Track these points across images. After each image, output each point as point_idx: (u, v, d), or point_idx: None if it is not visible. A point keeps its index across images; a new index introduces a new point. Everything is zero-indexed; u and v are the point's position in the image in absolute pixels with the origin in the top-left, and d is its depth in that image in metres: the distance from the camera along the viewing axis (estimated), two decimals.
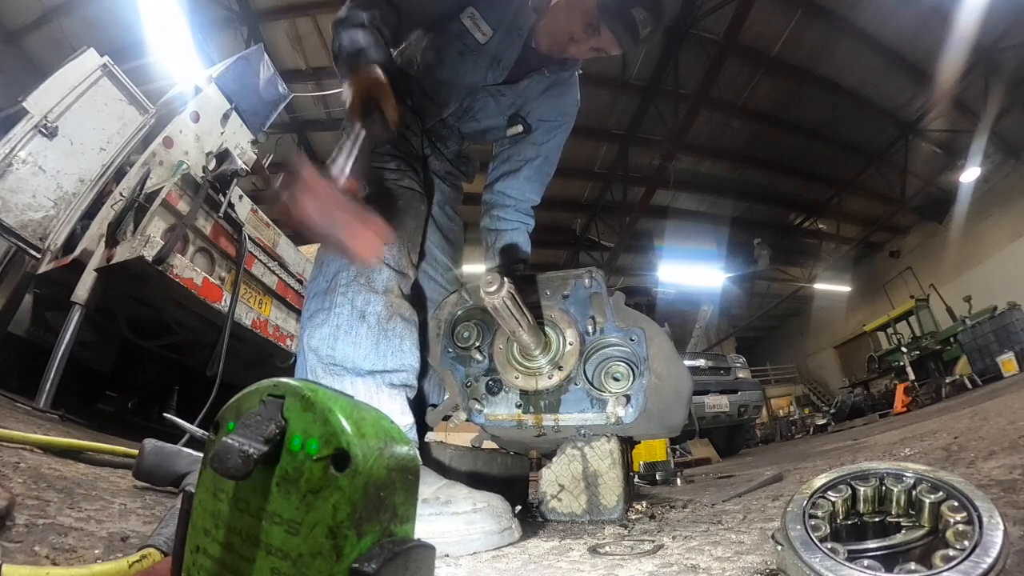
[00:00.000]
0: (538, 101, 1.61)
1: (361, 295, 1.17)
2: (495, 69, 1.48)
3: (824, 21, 7.24)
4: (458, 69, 1.46)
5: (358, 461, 0.33)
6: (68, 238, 2.82)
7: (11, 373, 2.65)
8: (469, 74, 1.47)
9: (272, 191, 0.88)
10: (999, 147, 9.94)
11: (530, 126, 1.62)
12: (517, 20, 1.43)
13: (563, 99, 1.65)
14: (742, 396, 6.04)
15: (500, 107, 1.57)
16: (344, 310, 1.16)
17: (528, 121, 1.60)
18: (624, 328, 1.50)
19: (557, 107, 1.65)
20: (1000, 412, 2.10)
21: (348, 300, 1.17)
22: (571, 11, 1.38)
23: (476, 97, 1.53)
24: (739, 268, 12.47)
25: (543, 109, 1.62)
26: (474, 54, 1.44)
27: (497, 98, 1.55)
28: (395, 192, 1.31)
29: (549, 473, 1.43)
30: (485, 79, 1.49)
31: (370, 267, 1.18)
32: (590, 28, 1.36)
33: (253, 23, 6.77)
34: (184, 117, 3.15)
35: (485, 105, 1.55)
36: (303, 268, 3.44)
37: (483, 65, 1.46)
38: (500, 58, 1.46)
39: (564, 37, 1.41)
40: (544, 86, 1.59)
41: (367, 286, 1.18)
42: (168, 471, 1.21)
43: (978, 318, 8.64)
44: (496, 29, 1.41)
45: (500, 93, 1.54)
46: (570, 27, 1.39)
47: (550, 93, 1.61)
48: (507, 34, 1.43)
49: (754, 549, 0.81)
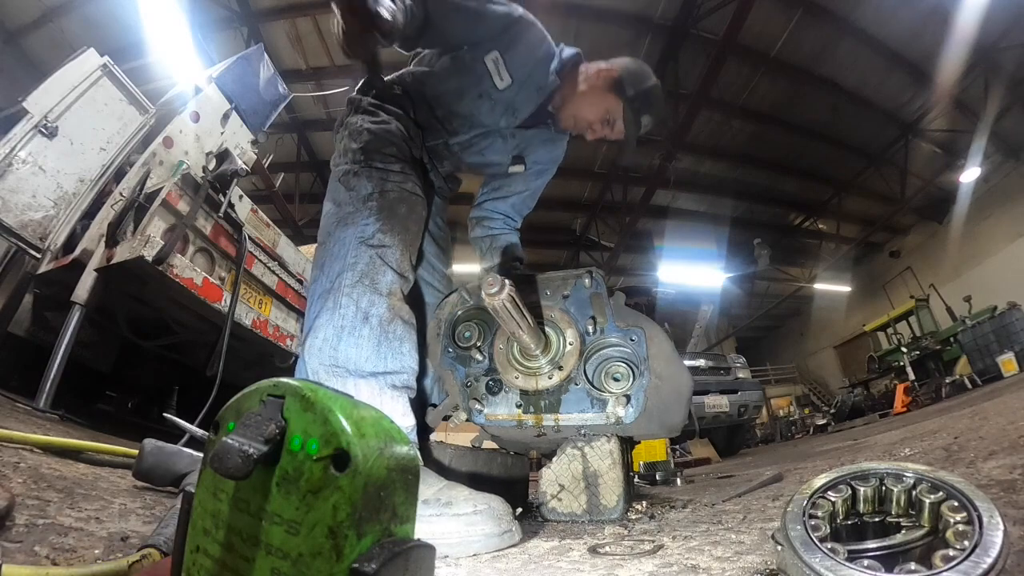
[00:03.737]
0: (537, 146, 1.76)
1: (366, 296, 1.18)
2: (509, 116, 1.60)
3: (824, 21, 7.24)
4: (475, 109, 1.57)
5: (358, 461, 0.33)
6: (68, 238, 2.82)
7: (11, 373, 2.65)
8: (485, 116, 1.59)
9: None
10: (999, 147, 9.94)
11: (527, 167, 1.77)
12: (535, 76, 1.55)
13: (556, 150, 1.84)
14: (742, 396, 6.03)
15: (506, 147, 1.69)
16: (348, 311, 1.17)
17: (527, 162, 1.76)
18: (624, 328, 1.50)
19: (550, 154, 1.83)
20: (1000, 412, 2.10)
21: (353, 301, 1.17)
22: (597, 106, 1.58)
23: (487, 135, 1.64)
24: (739, 268, 12.47)
25: (540, 153, 1.79)
26: (492, 100, 1.55)
27: (507, 139, 1.67)
28: (399, 195, 1.33)
29: (549, 473, 1.43)
30: (499, 123, 1.61)
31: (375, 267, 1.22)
32: (607, 123, 1.59)
33: (253, 23, 6.77)
34: (184, 117, 3.15)
35: (493, 144, 1.67)
36: (303, 268, 3.44)
37: (499, 111, 1.58)
38: (516, 108, 1.59)
39: (584, 124, 1.61)
40: (545, 136, 1.75)
41: (371, 288, 1.19)
42: (168, 471, 1.21)
43: (978, 318, 8.63)
44: (515, 79, 1.52)
45: (511, 135, 1.66)
46: (593, 118, 1.59)
47: (547, 142, 1.78)
48: (523, 86, 1.55)
49: (754, 549, 0.81)
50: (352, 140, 1.40)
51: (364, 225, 1.25)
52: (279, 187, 8.70)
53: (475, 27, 1.48)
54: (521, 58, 1.51)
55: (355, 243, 1.23)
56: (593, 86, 1.58)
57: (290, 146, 8.84)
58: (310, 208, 9.72)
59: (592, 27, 7.20)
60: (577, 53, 1.63)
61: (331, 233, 1.28)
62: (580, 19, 7.09)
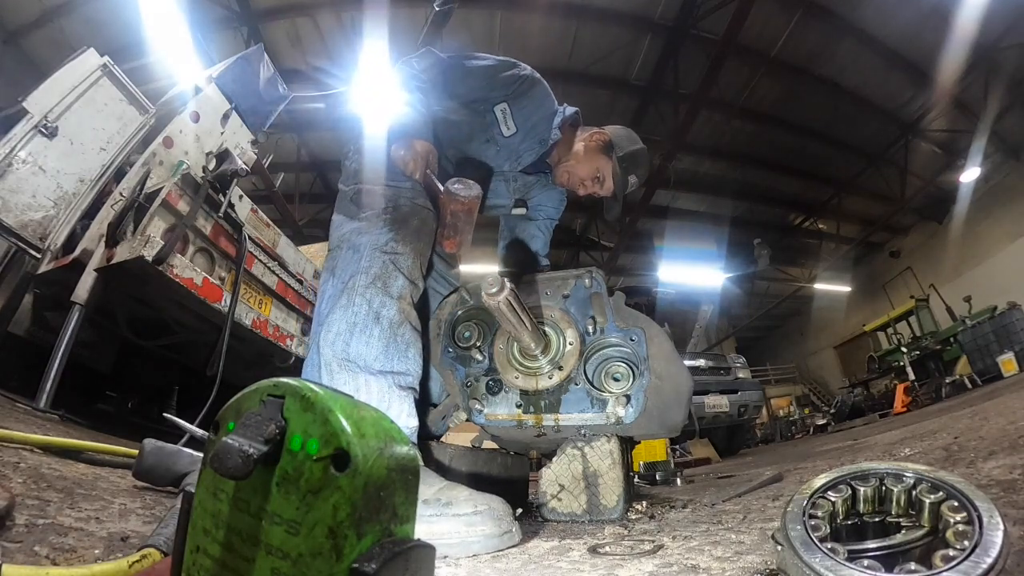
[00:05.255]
0: (538, 191, 1.93)
1: (378, 298, 1.24)
2: (513, 161, 1.74)
3: (824, 21, 7.24)
4: (482, 153, 1.71)
5: (358, 461, 0.33)
6: (68, 238, 2.81)
7: (11, 373, 2.65)
8: (491, 160, 1.73)
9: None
10: (999, 147, 9.93)
11: (528, 210, 1.93)
12: (538, 128, 1.69)
13: (555, 195, 1.99)
14: (742, 396, 6.03)
15: (509, 190, 1.83)
16: (361, 309, 1.23)
17: (528, 206, 1.92)
18: (624, 328, 1.50)
19: (551, 200, 1.99)
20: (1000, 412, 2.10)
21: (366, 301, 1.24)
22: (590, 165, 1.75)
23: (491, 178, 1.77)
24: (739, 268, 12.46)
25: (540, 198, 1.96)
26: (498, 145, 1.69)
27: (509, 183, 1.81)
28: (412, 209, 1.41)
29: (549, 473, 1.43)
30: (503, 167, 1.75)
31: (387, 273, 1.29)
32: (598, 181, 1.76)
33: (253, 23, 6.76)
34: (184, 117, 3.15)
35: (497, 187, 1.79)
36: (303, 268, 3.44)
37: (504, 157, 1.72)
38: (520, 155, 1.73)
39: (576, 180, 1.77)
40: (545, 183, 1.91)
41: (383, 290, 1.26)
42: (168, 471, 1.21)
43: (978, 318, 8.63)
44: (519, 128, 1.66)
45: (514, 179, 1.80)
46: (585, 176, 1.76)
47: (547, 188, 1.94)
48: (527, 136, 1.69)
49: (754, 549, 0.81)
50: (364, 162, 1.50)
51: (379, 234, 1.33)
52: (279, 187, 8.70)
53: (487, 88, 1.64)
54: (527, 110, 1.66)
55: (369, 249, 1.30)
56: (587, 146, 1.75)
57: (290, 146, 8.83)
58: (310, 208, 9.72)
59: (592, 27, 7.20)
60: (576, 112, 1.78)
61: (345, 240, 1.36)
62: (580, 19, 7.09)
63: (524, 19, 7.02)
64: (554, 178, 1.83)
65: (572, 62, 7.66)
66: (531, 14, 6.91)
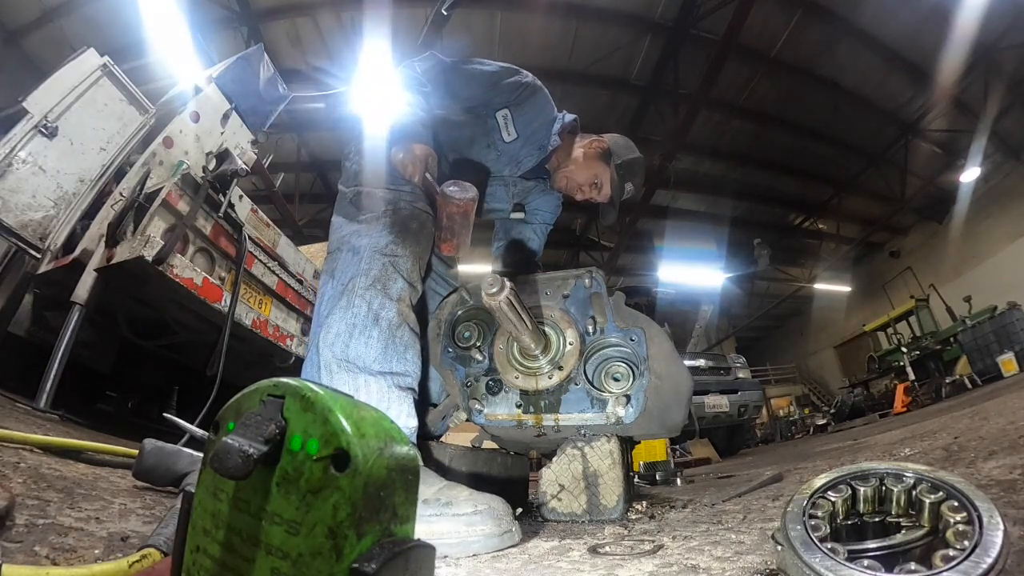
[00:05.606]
0: (536, 196, 1.96)
1: (378, 299, 1.25)
2: (513, 166, 1.76)
3: (824, 21, 7.23)
4: (483, 158, 1.74)
5: (358, 461, 0.33)
6: (68, 238, 2.81)
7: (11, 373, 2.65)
8: (491, 164, 1.75)
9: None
10: (999, 147, 9.93)
11: (525, 215, 1.96)
12: (538, 134, 1.71)
13: (553, 200, 2.02)
14: (742, 396, 6.03)
15: (507, 195, 1.86)
16: (361, 310, 1.23)
17: (526, 211, 1.94)
18: (624, 328, 1.50)
19: (548, 205, 2.02)
20: (1000, 412, 2.10)
21: (365, 302, 1.24)
22: (588, 172, 1.78)
23: (490, 183, 1.80)
24: (739, 268, 12.46)
25: (538, 203, 1.98)
26: (498, 150, 1.72)
27: (508, 188, 1.84)
28: (411, 212, 1.42)
29: (549, 473, 1.43)
30: (503, 172, 1.78)
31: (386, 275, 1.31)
32: (595, 187, 1.79)
33: (253, 23, 6.76)
34: (184, 117, 3.15)
35: (495, 191, 1.83)
36: (303, 268, 3.44)
37: (504, 162, 1.75)
38: (519, 160, 1.75)
39: (575, 186, 1.80)
40: (543, 188, 1.94)
41: (383, 292, 1.26)
42: (168, 471, 1.21)
43: (978, 318, 8.63)
44: (520, 134, 1.69)
45: (513, 184, 1.83)
46: (584, 182, 1.79)
47: (545, 193, 1.97)
48: (527, 142, 1.71)
49: (754, 549, 0.81)
50: (363, 164, 1.51)
51: (378, 236, 1.33)
52: (279, 187, 8.69)
53: (490, 94, 1.66)
54: (528, 116, 1.69)
55: (369, 252, 1.31)
56: (587, 153, 1.78)
57: (290, 146, 8.83)
58: (310, 208, 9.72)
59: (592, 27, 7.20)
60: (575, 119, 1.80)
61: (345, 242, 1.37)
62: (580, 19, 7.09)
63: (524, 19, 7.01)
64: (552, 183, 1.85)
65: (572, 62, 7.66)
66: (531, 14, 6.91)
